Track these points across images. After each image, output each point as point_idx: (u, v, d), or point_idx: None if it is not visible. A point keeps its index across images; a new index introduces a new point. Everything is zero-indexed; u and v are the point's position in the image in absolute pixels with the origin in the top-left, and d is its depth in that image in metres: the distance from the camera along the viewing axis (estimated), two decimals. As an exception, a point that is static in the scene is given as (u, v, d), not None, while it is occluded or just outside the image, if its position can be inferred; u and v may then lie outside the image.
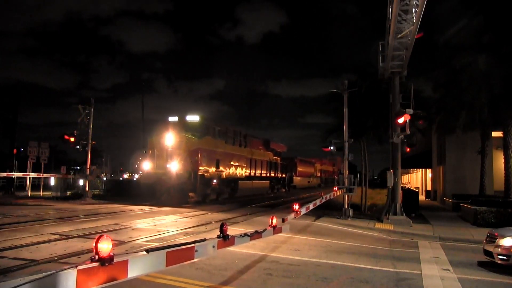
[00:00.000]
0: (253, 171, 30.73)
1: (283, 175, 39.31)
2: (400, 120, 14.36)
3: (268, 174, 34.47)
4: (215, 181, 23.57)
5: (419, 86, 21.06)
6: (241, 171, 28.34)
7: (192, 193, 21.35)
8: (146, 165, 22.05)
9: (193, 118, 23.31)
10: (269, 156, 35.05)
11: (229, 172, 26.18)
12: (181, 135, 21.78)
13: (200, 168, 22.01)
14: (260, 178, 32.64)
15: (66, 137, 23.49)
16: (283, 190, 39.49)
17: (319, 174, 62.21)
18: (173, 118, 23.27)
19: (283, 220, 9.22)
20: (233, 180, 27.04)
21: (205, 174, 22.56)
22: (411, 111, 14.47)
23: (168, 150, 21.24)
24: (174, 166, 20.70)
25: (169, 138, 21.45)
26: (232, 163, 26.69)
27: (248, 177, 29.67)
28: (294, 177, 45.97)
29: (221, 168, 24.69)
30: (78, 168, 40.50)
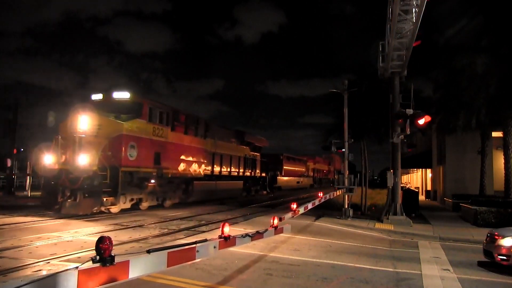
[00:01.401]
0: (218, 169, 24.45)
1: (263, 175, 33.63)
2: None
3: (241, 173, 28.27)
4: (153, 181, 17.66)
5: (419, 86, 21.18)
6: (198, 169, 21.83)
7: (109, 197, 15.26)
8: (48, 159, 15.16)
9: (121, 95, 17.07)
10: (244, 151, 28.79)
11: (178, 170, 19.84)
12: (100, 118, 15.82)
13: (126, 162, 15.89)
14: (230, 177, 26.41)
15: None
16: (264, 192, 34.19)
17: (311, 174, 56.82)
18: (96, 96, 17.51)
19: (280, 219, 9.23)
20: (185, 180, 20.77)
21: (135, 170, 16.50)
22: (411, 111, 14.46)
23: (79, 137, 14.83)
24: (83, 159, 14.30)
25: (83, 122, 15.19)
26: (183, 157, 20.19)
27: (210, 176, 23.35)
28: (279, 177, 40.65)
29: (164, 164, 18.37)
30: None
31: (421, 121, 14.18)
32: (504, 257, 8.28)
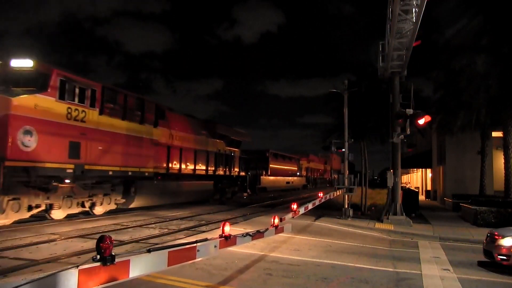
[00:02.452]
0: (177, 166, 19.57)
1: (243, 173, 27.64)
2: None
3: (212, 171, 22.88)
4: (68, 180, 13.41)
5: (419, 85, 21.13)
6: (145, 165, 16.91)
7: None
8: None
9: (22, 63, 12.51)
10: (216, 145, 23.63)
11: (112, 165, 14.94)
12: None
13: (16, 153, 11.33)
14: (195, 177, 21.28)
15: None
16: (245, 194, 28.89)
17: (304, 173, 51.95)
18: None
19: (281, 220, 9.23)
20: (124, 180, 16.20)
21: (34, 166, 11.91)
22: (411, 111, 14.48)
23: None
24: None
25: None
26: (120, 150, 15.38)
27: (165, 175, 18.71)
28: (264, 177, 35.85)
29: (89, 158, 13.72)
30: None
31: (421, 121, 14.20)
32: (504, 257, 8.28)
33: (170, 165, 18.97)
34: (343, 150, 18.66)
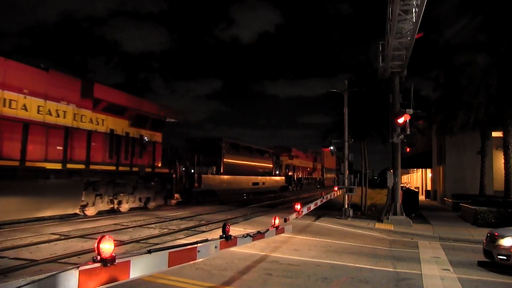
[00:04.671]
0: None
1: (165, 170, 19.03)
2: (400, 120, 14.41)
3: (82, 163, 13.82)
4: None
5: (418, 85, 21.19)
6: None
7: None
8: None
9: None
10: (106, 123, 15.45)
11: None
12: None
13: None
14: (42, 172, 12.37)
15: None
16: (172, 201, 19.82)
17: (284, 172, 40.86)
18: None
19: (285, 220, 9.24)
20: None
21: None
22: (411, 111, 14.51)
23: None
24: None
25: None
26: None
27: None
28: (209, 176, 23.94)
29: None
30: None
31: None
32: (504, 257, 8.28)
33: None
34: (343, 149, 18.64)
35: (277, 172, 38.72)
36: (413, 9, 12.99)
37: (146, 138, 17.89)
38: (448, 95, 20.40)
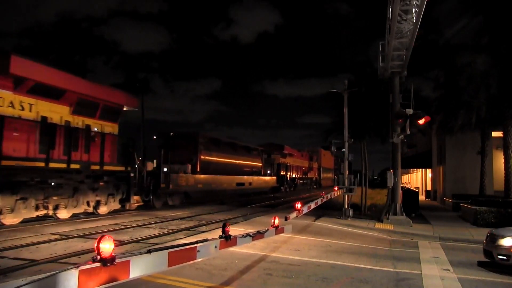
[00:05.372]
0: None
1: (121, 168, 16.21)
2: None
3: None
4: None
5: (418, 85, 21.20)
6: None
7: None
8: None
9: None
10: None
11: None
12: None
13: None
14: None
15: None
16: (132, 205, 17.15)
17: (275, 171, 37.31)
18: None
19: (286, 219, 9.24)
20: None
21: None
22: (411, 111, 14.49)
23: None
24: None
25: None
26: None
27: None
28: (176, 176, 20.14)
29: None
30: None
31: (421, 121, 14.25)
32: (504, 257, 8.28)
33: None
34: (343, 150, 18.64)
35: (268, 172, 35.64)
36: (413, 9, 12.98)
37: (95, 129, 14.99)
38: (448, 95, 20.40)
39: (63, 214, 13.84)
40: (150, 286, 6.11)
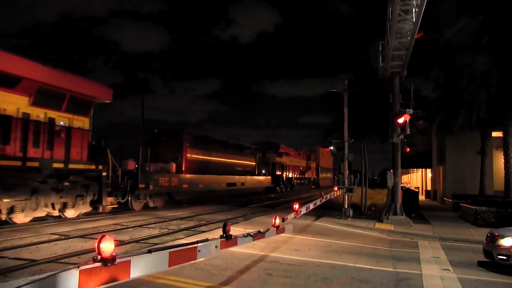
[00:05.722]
0: None
1: (91, 166, 14.82)
2: (400, 120, 14.42)
3: None
4: None
5: (418, 85, 21.19)
6: None
7: None
8: None
9: None
10: None
11: None
12: None
13: None
14: None
15: None
16: (107, 208, 15.50)
17: (270, 170, 36.01)
18: None
19: (283, 220, 9.24)
20: None
21: None
22: (411, 111, 14.51)
23: None
24: None
25: None
26: None
27: None
28: (157, 175, 18.67)
29: None
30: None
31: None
32: (504, 257, 8.28)
33: None
34: (343, 150, 18.64)
35: (263, 172, 34.46)
36: (413, 9, 12.98)
37: (61, 122, 13.48)
38: (448, 95, 20.40)
39: (19, 218, 12.30)
40: (150, 286, 6.11)
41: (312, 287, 6.66)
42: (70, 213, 14.11)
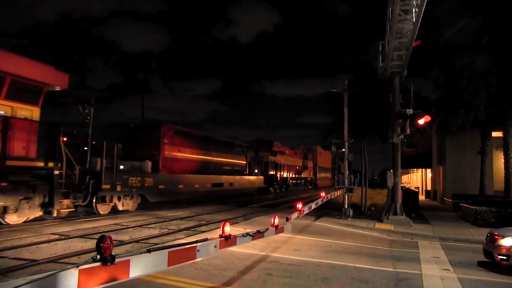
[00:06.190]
0: None
1: (39, 164, 12.20)
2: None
3: None
4: None
5: (418, 85, 21.20)
6: None
7: None
8: None
9: None
10: None
11: None
12: None
13: None
14: None
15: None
16: (54, 211, 12.34)
17: (263, 170, 33.89)
18: None
19: (287, 219, 9.24)
20: None
21: None
22: (411, 111, 14.50)
23: None
24: None
25: None
26: None
27: None
28: (126, 175, 16.63)
29: None
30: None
31: (421, 121, 14.27)
32: (504, 257, 8.28)
33: None
34: (343, 150, 18.65)
35: (256, 171, 32.54)
36: (413, 9, 12.98)
37: (1, 112, 11.28)
38: (448, 95, 20.40)
39: None
40: (150, 286, 6.11)
41: (312, 287, 6.66)
42: (12, 218, 11.99)
